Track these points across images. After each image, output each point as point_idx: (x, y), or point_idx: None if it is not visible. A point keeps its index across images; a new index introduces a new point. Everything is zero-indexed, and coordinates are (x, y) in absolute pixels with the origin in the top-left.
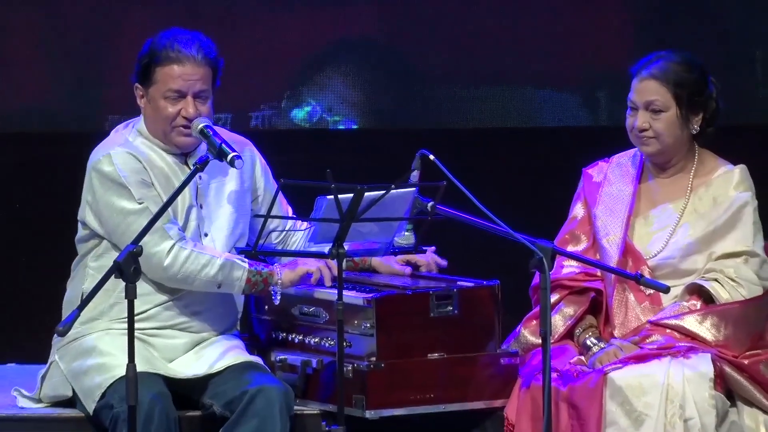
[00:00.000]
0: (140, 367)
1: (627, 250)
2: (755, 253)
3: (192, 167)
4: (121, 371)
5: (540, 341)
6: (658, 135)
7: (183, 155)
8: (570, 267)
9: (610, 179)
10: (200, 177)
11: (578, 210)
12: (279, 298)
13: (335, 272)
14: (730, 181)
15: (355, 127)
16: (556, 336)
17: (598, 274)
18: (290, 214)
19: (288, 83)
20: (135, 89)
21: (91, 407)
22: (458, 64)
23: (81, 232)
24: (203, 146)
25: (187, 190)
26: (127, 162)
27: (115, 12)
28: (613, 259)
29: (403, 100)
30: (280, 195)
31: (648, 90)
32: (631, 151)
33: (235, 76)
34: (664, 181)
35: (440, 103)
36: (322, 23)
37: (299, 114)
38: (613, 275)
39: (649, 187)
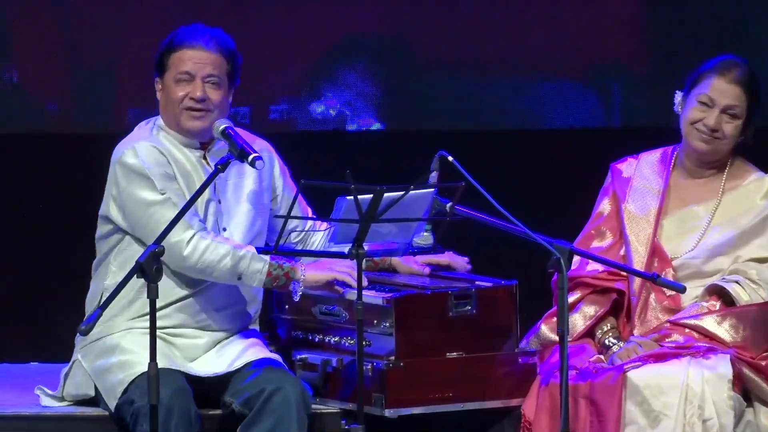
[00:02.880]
0: (161, 364)
1: (655, 250)
2: None
3: (212, 164)
4: (142, 368)
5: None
6: (725, 138)
7: (202, 149)
8: (594, 264)
9: (640, 176)
10: (218, 176)
11: (605, 205)
12: (299, 295)
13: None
14: (760, 189)
15: (374, 128)
16: (576, 335)
17: (623, 273)
18: (310, 214)
19: (306, 81)
20: (155, 84)
21: (113, 404)
22: (481, 64)
23: (102, 229)
24: (222, 142)
25: None
26: (151, 154)
27: (128, 9)
28: (640, 258)
29: (422, 101)
30: (300, 195)
31: (732, 94)
32: (661, 150)
33: (254, 73)
34: (696, 181)
35: (460, 104)
36: (340, 20)
37: (317, 111)
38: None
39: (680, 186)
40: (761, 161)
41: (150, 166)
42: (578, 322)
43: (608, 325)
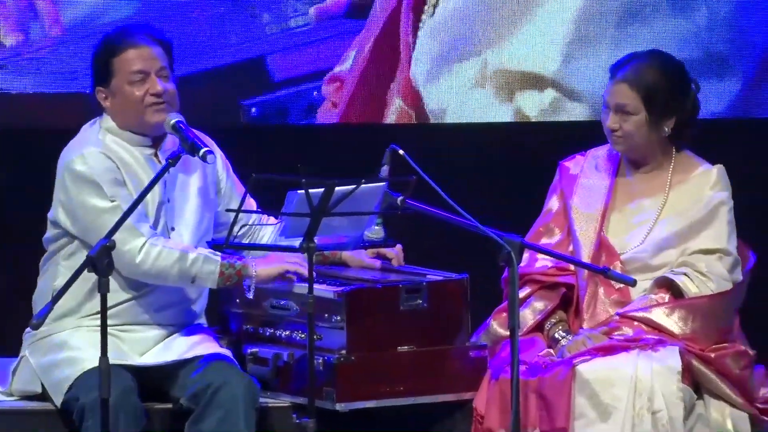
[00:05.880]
0: (110, 360)
1: (601, 244)
2: (729, 251)
3: (162, 161)
4: (89, 364)
5: (508, 334)
6: (627, 136)
7: (153, 147)
8: (543, 261)
9: (587, 172)
10: (168, 171)
11: (553, 202)
12: (252, 292)
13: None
14: (707, 181)
15: (325, 122)
16: (525, 329)
17: (571, 268)
18: (254, 208)
19: (261, 78)
20: (97, 93)
21: (59, 400)
22: (435, 60)
23: (51, 231)
24: (170, 137)
25: (157, 185)
26: (100, 161)
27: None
28: (587, 252)
29: (377, 94)
30: (244, 190)
31: (619, 93)
32: (608, 145)
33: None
34: (641, 176)
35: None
36: None
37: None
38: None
39: (627, 182)
40: (708, 154)
41: (99, 172)
42: (528, 317)
43: (556, 317)
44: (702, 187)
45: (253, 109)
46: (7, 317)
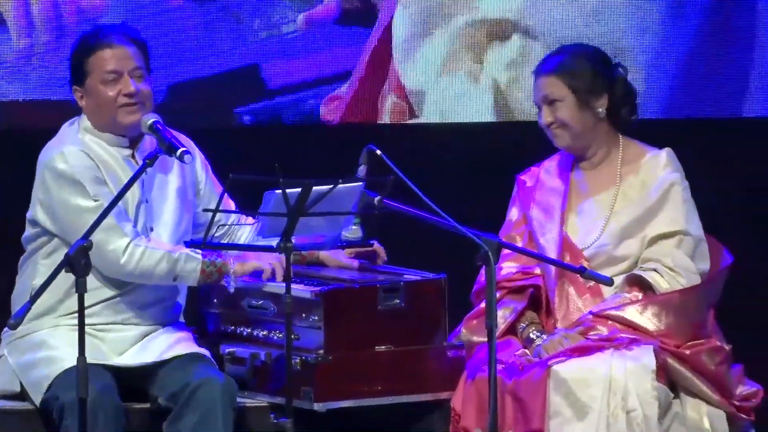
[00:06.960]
0: (88, 359)
1: (564, 244)
2: (688, 232)
3: (140, 161)
4: (68, 363)
5: (480, 339)
6: (564, 124)
7: (130, 147)
8: (508, 268)
9: (543, 182)
10: (146, 171)
11: (513, 213)
12: (233, 286)
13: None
14: (657, 164)
15: (307, 122)
16: (498, 332)
17: (536, 271)
18: (232, 208)
19: (255, 86)
20: (74, 93)
21: (38, 399)
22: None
23: (30, 231)
24: (148, 138)
25: (136, 186)
26: (80, 159)
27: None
28: (551, 255)
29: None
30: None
31: (541, 85)
32: (560, 153)
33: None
34: (592, 173)
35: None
36: None
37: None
38: (553, 270)
39: (579, 181)
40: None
41: (80, 171)
42: (499, 320)
43: (528, 319)
44: (652, 172)
45: (246, 117)
46: (6, 317)
